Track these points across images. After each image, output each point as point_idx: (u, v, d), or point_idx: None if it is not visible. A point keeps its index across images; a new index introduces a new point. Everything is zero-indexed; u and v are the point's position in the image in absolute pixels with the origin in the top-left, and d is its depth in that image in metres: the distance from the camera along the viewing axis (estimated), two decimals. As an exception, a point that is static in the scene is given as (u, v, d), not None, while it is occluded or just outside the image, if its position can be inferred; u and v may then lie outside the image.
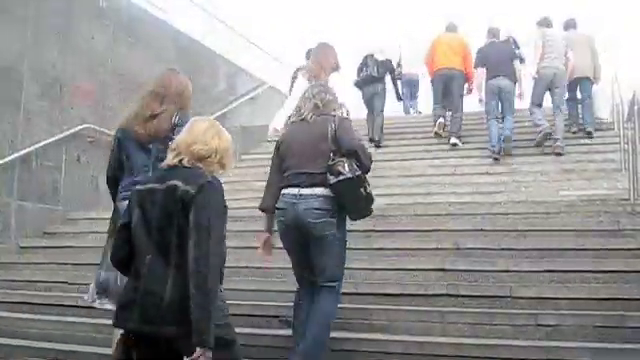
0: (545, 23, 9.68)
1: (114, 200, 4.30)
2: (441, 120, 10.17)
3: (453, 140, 9.89)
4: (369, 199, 4.37)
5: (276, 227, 4.47)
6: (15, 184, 7.55)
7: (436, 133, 10.21)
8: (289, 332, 4.59)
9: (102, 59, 8.88)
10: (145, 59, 9.60)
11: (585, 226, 6.07)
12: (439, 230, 6.38)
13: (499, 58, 9.44)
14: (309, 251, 4.33)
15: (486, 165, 8.95)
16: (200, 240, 2.93)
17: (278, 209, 4.38)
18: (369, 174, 4.42)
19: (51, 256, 7.28)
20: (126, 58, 9.29)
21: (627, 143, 7.61)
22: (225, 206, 3.10)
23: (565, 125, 9.45)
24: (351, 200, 4.29)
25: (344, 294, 5.32)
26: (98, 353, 4.95)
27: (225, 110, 11.32)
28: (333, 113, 4.50)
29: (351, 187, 4.23)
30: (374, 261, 5.69)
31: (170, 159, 3.16)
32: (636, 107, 7.28)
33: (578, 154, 9.02)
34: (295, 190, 4.30)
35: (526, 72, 9.71)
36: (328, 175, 4.23)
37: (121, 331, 3.19)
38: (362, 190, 4.29)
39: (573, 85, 9.72)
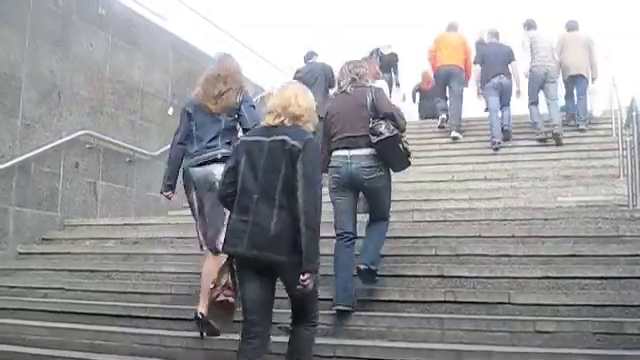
0: (530, 25, 10.58)
1: (170, 162, 5.39)
2: (443, 116, 11.07)
3: (454, 134, 10.62)
4: (407, 153, 5.23)
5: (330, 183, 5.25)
6: (13, 190, 7.55)
7: (440, 126, 11.10)
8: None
9: (100, 66, 8.89)
10: (143, 66, 9.62)
11: (584, 232, 6.05)
12: (437, 236, 6.36)
13: (498, 58, 10.23)
14: (356, 201, 5.27)
15: (484, 171, 8.98)
16: (307, 187, 3.63)
17: (332, 167, 5.22)
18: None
19: (49, 262, 7.27)
20: (124, 65, 9.29)
21: (625, 149, 7.62)
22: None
23: (563, 120, 10.29)
24: (392, 155, 5.15)
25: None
26: (96, 360, 4.95)
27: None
28: (368, 85, 5.42)
29: (391, 144, 5.08)
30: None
31: (271, 119, 3.88)
32: (634, 113, 7.29)
33: (576, 160, 9.05)
34: (346, 152, 5.16)
35: (519, 72, 10.53)
36: (371, 136, 5.07)
37: None
38: (400, 146, 5.14)
39: (569, 82, 10.43)
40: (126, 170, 9.20)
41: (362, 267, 5.10)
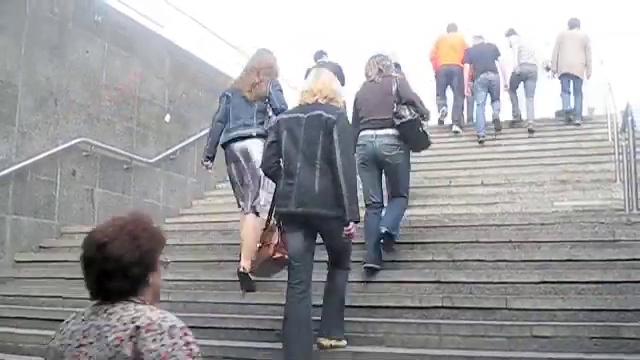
0: (510, 32, 11.86)
1: (211, 136, 6.22)
2: (444, 109, 11.72)
3: (455, 128, 11.33)
4: (425, 135, 6.01)
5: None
6: (10, 198, 7.53)
7: (440, 120, 11.79)
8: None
9: (97, 73, 8.89)
10: (140, 72, 9.61)
11: (580, 237, 6.07)
12: (434, 242, 6.37)
13: (485, 57, 11.06)
14: (381, 176, 6.03)
15: (481, 176, 8.97)
16: (343, 151, 4.32)
17: (359, 145, 5.89)
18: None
19: (46, 270, 7.25)
20: (121, 72, 9.29)
21: (622, 154, 7.64)
22: None
23: (559, 117, 11.46)
24: (412, 136, 5.91)
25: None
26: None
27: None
28: (394, 75, 6.17)
29: (411, 126, 5.84)
30: (370, 274, 5.69)
31: (307, 98, 4.60)
32: (629, 118, 7.31)
33: (573, 165, 9.06)
34: (371, 132, 5.90)
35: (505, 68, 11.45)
36: (394, 119, 5.81)
37: None
38: (419, 128, 5.91)
39: (565, 80, 11.10)
40: (123, 177, 9.18)
41: (383, 230, 5.67)
